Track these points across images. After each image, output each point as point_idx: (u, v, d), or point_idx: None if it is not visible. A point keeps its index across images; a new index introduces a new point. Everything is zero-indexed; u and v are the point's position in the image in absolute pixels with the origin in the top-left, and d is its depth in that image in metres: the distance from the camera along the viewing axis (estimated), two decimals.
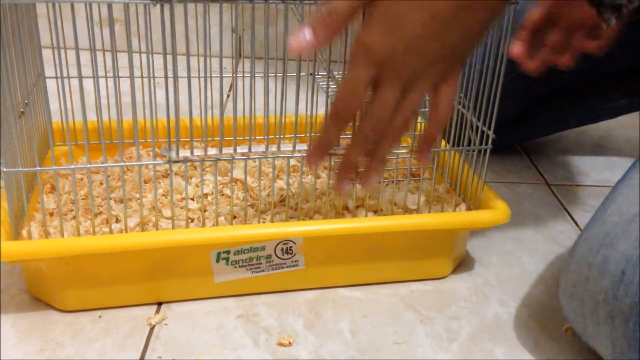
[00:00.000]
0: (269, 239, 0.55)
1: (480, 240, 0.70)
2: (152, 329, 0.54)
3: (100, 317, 0.55)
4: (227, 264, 0.56)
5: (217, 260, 0.55)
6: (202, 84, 0.51)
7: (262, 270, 0.57)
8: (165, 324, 0.55)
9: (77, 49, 0.46)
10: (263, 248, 0.56)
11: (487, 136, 0.59)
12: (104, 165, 0.52)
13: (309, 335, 0.55)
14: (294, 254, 0.57)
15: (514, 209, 0.79)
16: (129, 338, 0.53)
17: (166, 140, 0.72)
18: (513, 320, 0.58)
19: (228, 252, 0.55)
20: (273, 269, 0.57)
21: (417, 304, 0.59)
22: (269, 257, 0.56)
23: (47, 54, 0.60)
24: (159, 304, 0.57)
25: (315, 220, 0.60)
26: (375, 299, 0.60)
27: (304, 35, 0.43)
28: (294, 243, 0.56)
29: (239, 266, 0.56)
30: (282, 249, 0.56)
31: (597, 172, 0.92)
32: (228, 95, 1.07)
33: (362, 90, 0.44)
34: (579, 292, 0.48)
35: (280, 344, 0.53)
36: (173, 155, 0.52)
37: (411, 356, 0.53)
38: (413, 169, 0.72)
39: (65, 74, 0.59)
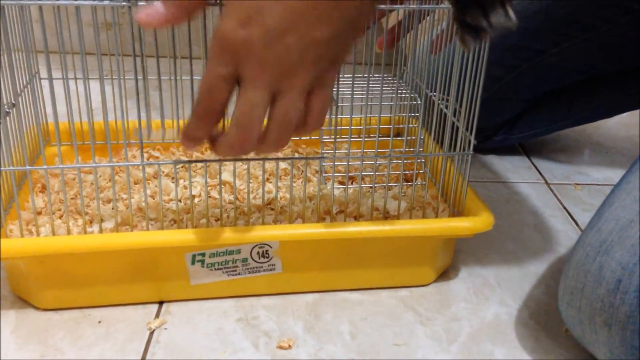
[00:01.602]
0: (244, 242, 0.55)
1: (480, 240, 0.70)
2: (151, 333, 0.54)
3: (100, 322, 0.55)
4: (203, 267, 0.55)
5: (193, 263, 0.55)
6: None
7: (239, 274, 0.57)
8: (165, 328, 0.55)
9: (63, 52, 0.47)
10: (239, 251, 0.55)
11: (470, 142, 0.58)
12: (84, 165, 0.52)
13: (309, 338, 0.55)
14: (271, 258, 0.56)
15: (513, 209, 0.79)
16: (128, 343, 0.53)
17: (157, 141, 0.73)
18: (513, 321, 0.58)
19: (203, 254, 0.55)
20: (249, 272, 0.57)
21: (416, 305, 0.59)
22: (245, 260, 0.56)
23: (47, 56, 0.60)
24: (161, 303, 0.57)
25: (291, 225, 0.59)
26: (374, 300, 0.60)
27: (155, 8, 0.40)
28: (270, 247, 0.55)
29: (215, 269, 0.56)
30: (258, 253, 0.56)
31: (596, 171, 0.92)
32: None
33: (222, 86, 0.40)
34: (577, 299, 0.48)
35: (280, 347, 0.53)
36: (144, 135, 0.50)
37: (411, 357, 0.53)
38: (408, 174, 0.72)
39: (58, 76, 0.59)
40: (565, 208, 0.80)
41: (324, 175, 0.70)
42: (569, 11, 0.81)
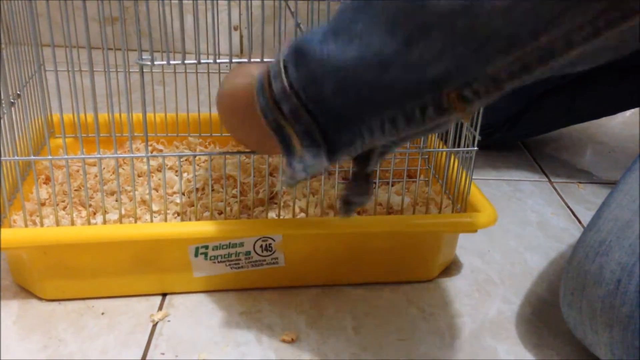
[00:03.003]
0: (247, 235, 0.55)
1: (483, 236, 0.70)
2: (154, 325, 0.54)
3: (103, 313, 0.55)
4: (206, 259, 0.55)
5: (196, 255, 0.55)
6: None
7: (242, 267, 0.57)
8: (168, 321, 0.55)
9: (70, 46, 0.47)
10: (242, 244, 0.55)
11: (474, 137, 0.58)
12: (89, 156, 0.52)
13: (312, 332, 0.55)
14: (274, 251, 0.56)
15: (516, 206, 0.79)
16: (131, 335, 0.53)
17: (161, 135, 0.73)
18: (516, 318, 0.58)
19: (206, 247, 0.55)
20: (253, 265, 0.57)
21: (419, 301, 0.59)
22: (248, 253, 0.56)
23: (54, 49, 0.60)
24: (164, 295, 0.57)
25: (294, 219, 0.59)
26: (377, 295, 0.60)
27: None
28: (273, 240, 0.55)
29: (218, 262, 0.56)
30: (261, 246, 0.56)
31: (599, 169, 0.92)
32: None
33: None
34: (577, 300, 0.48)
35: (283, 341, 0.53)
36: (147, 62, 0.48)
37: (414, 353, 0.53)
38: (412, 170, 0.72)
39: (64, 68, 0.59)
40: (568, 206, 0.80)
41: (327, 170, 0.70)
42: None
